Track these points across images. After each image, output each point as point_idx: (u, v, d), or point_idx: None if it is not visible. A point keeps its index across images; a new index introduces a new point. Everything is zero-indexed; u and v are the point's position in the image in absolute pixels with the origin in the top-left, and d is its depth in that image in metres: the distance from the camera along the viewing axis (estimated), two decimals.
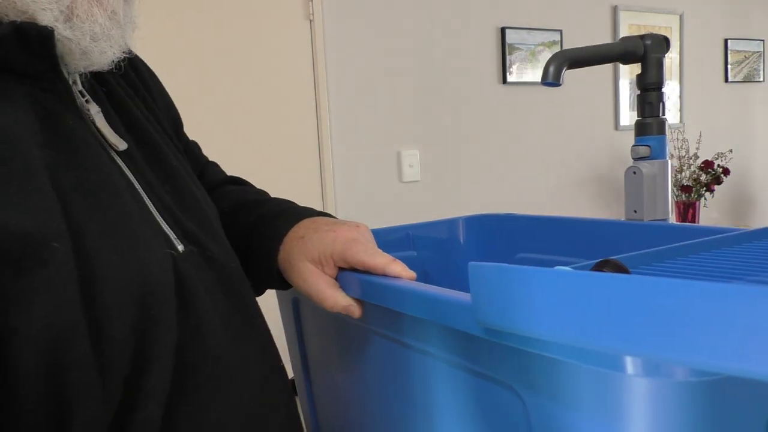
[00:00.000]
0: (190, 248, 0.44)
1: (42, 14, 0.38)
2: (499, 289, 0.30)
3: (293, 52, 2.12)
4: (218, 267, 0.46)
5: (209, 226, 0.49)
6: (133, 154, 0.45)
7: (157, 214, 0.43)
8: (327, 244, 0.49)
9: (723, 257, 0.44)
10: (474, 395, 0.38)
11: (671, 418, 0.28)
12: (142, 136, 0.48)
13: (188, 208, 0.48)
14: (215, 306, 0.44)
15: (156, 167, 0.47)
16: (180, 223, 0.45)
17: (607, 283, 0.24)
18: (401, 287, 0.41)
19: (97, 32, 0.41)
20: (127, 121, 0.48)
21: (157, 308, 0.38)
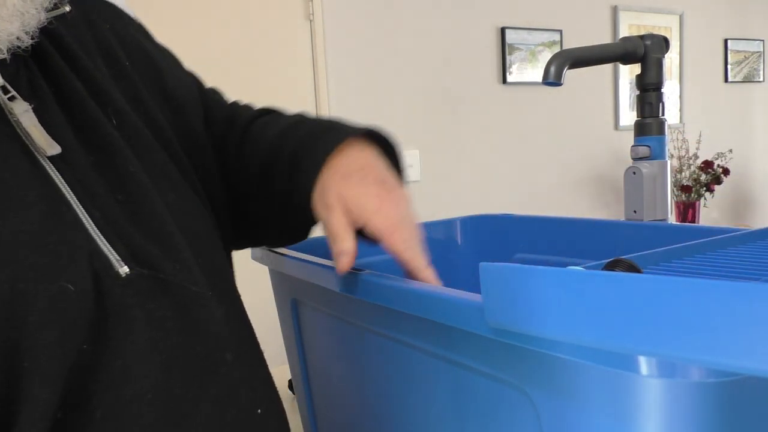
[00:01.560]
0: (137, 271, 0.38)
1: None
2: (512, 290, 0.29)
3: (293, 52, 2.12)
4: (174, 292, 0.40)
5: (169, 241, 0.42)
6: (73, 159, 0.39)
7: (93, 230, 0.37)
8: (367, 210, 0.46)
9: (731, 257, 0.43)
10: (481, 397, 0.38)
11: (687, 420, 0.27)
12: (95, 137, 0.42)
13: (143, 221, 0.41)
14: (160, 339, 0.37)
15: (109, 174, 0.41)
16: (128, 239, 0.39)
17: (623, 283, 0.24)
18: (407, 288, 0.40)
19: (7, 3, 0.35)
20: (78, 119, 0.41)
21: (31, 357, 0.32)
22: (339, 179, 0.47)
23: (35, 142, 0.37)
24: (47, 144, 0.37)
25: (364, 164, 0.49)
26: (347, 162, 0.49)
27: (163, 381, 0.37)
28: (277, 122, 0.56)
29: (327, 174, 0.48)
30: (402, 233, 0.46)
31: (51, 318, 0.33)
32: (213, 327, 0.41)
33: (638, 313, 0.24)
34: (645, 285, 0.23)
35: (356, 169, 0.48)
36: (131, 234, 0.39)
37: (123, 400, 0.35)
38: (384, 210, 0.46)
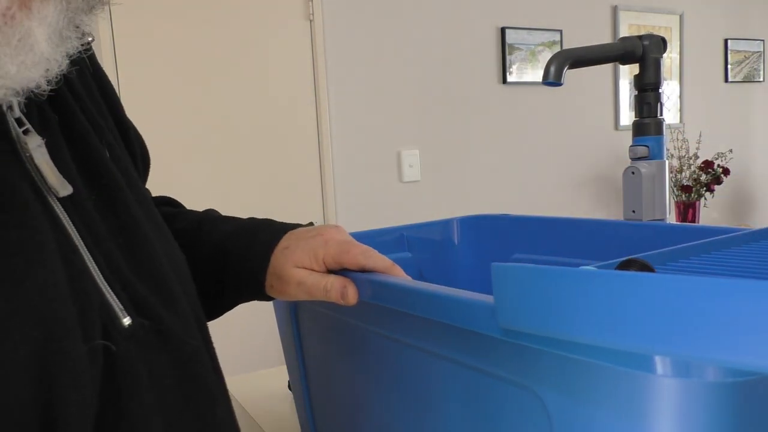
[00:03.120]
0: (139, 321, 0.36)
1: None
2: (524, 290, 0.29)
3: (293, 52, 2.12)
4: (174, 345, 0.38)
5: (168, 291, 0.40)
6: (80, 199, 0.36)
7: (99, 278, 0.35)
8: (317, 247, 0.49)
9: (738, 256, 0.43)
10: (490, 399, 0.38)
11: (703, 420, 0.27)
12: (98, 175, 0.39)
13: (143, 268, 0.39)
14: (162, 400, 0.36)
15: (110, 216, 0.39)
16: (130, 288, 0.37)
17: (639, 283, 0.24)
18: (416, 289, 0.40)
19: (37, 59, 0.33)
20: (82, 155, 0.39)
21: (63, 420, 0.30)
22: (281, 255, 0.51)
23: (47, 182, 0.34)
24: (59, 184, 0.35)
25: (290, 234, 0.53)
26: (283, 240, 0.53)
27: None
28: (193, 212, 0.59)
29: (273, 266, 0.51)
30: (356, 247, 0.48)
31: (80, 378, 0.31)
32: (207, 383, 0.41)
33: (655, 312, 0.23)
34: (662, 284, 0.23)
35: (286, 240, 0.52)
36: (132, 282, 0.37)
37: None
38: (330, 238, 0.50)
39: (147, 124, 1.90)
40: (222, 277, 0.53)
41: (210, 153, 2.01)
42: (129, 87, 1.87)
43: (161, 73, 1.93)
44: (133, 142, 0.50)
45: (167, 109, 1.94)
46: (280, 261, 0.51)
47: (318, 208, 2.18)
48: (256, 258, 0.52)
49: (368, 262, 0.47)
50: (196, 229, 0.56)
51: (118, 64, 1.84)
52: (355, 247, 0.48)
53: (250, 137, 2.07)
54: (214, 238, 0.54)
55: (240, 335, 1.99)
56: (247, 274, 0.52)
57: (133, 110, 2.03)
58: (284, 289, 0.50)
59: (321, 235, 0.50)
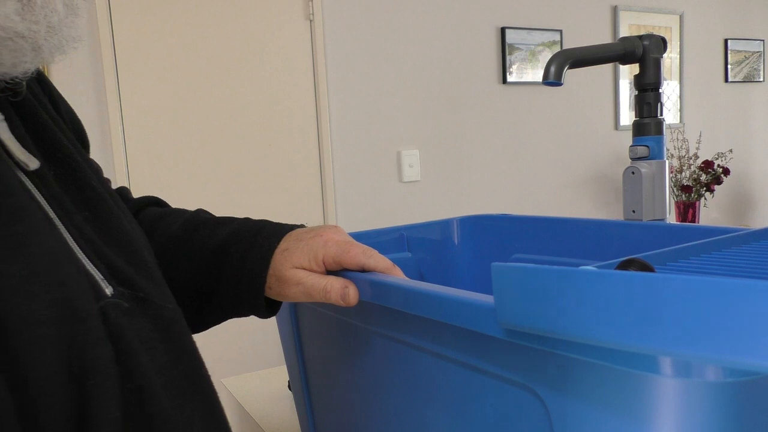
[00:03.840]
0: (119, 290, 0.36)
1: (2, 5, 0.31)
2: (525, 290, 0.29)
3: (293, 52, 2.12)
4: (154, 311, 0.39)
5: (140, 260, 0.40)
6: (44, 174, 0.36)
7: (77, 249, 0.35)
8: (317, 248, 0.48)
9: (738, 256, 0.43)
10: (489, 399, 0.38)
11: (703, 420, 0.27)
12: (54, 151, 0.39)
13: (114, 239, 0.39)
14: (153, 360, 0.36)
15: (73, 190, 0.38)
16: (105, 258, 0.37)
17: (640, 282, 0.24)
18: (416, 290, 0.40)
19: (53, 23, 0.33)
20: (36, 132, 0.38)
21: (95, 375, 0.31)
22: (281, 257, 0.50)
23: (14, 155, 0.34)
24: (27, 158, 0.35)
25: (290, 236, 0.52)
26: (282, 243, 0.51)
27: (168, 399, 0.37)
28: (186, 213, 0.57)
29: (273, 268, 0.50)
30: (356, 247, 0.48)
31: (100, 335, 0.32)
32: (189, 344, 0.42)
33: (655, 312, 0.23)
34: (662, 284, 0.23)
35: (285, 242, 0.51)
36: (106, 253, 0.37)
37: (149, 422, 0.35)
38: (330, 239, 0.49)
39: (146, 124, 1.90)
40: (218, 282, 0.52)
41: (209, 153, 2.01)
42: (129, 87, 1.87)
43: (161, 73, 1.93)
44: (73, 119, 0.49)
45: (167, 108, 1.94)
46: (280, 262, 0.50)
47: (318, 208, 2.18)
48: (257, 260, 0.51)
49: (369, 261, 0.47)
50: (191, 230, 0.54)
51: (118, 64, 1.84)
52: (354, 247, 0.48)
53: (249, 137, 2.07)
54: (211, 243, 0.53)
55: (240, 335, 1.99)
56: (247, 277, 0.51)
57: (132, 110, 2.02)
58: (283, 290, 0.50)
59: (320, 235, 0.50)
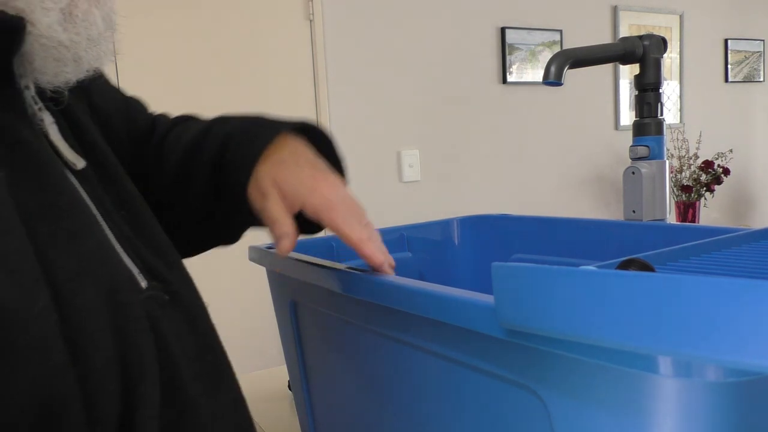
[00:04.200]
0: (153, 284, 0.38)
1: (42, 15, 0.33)
2: (525, 290, 0.29)
3: (293, 52, 2.12)
4: (184, 304, 0.41)
5: (170, 257, 0.43)
6: (89, 174, 0.39)
7: (117, 245, 0.37)
8: (303, 191, 0.45)
9: (738, 256, 0.43)
10: (490, 399, 0.38)
11: (704, 420, 0.27)
12: (96, 153, 0.41)
13: (146, 236, 0.42)
14: (184, 352, 0.38)
15: (111, 190, 0.41)
16: (140, 254, 0.39)
17: (640, 282, 0.24)
18: (415, 289, 0.40)
19: (93, 35, 0.36)
20: (77, 133, 0.41)
21: (139, 361, 0.33)
22: (272, 166, 0.47)
23: (63, 156, 0.37)
24: (74, 158, 0.37)
25: (295, 151, 0.48)
26: (280, 151, 0.48)
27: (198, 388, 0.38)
28: (195, 126, 0.55)
29: (260, 164, 0.47)
30: (340, 210, 0.45)
31: (144, 325, 0.34)
32: (215, 338, 0.44)
33: (655, 312, 0.23)
34: (662, 284, 0.23)
35: (288, 155, 0.48)
36: (141, 249, 0.40)
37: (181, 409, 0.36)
38: (319, 189, 0.45)
39: None
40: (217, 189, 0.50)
41: None
42: (129, 87, 1.87)
43: (161, 73, 1.93)
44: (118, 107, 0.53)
45: (167, 109, 1.94)
46: (271, 171, 0.47)
47: None
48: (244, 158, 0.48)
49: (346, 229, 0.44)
50: (204, 131, 0.53)
51: (118, 64, 1.84)
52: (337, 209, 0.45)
53: None
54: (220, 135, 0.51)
55: (240, 335, 1.99)
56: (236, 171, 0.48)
57: None
58: (253, 193, 0.47)
59: (314, 181, 0.46)
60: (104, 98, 0.51)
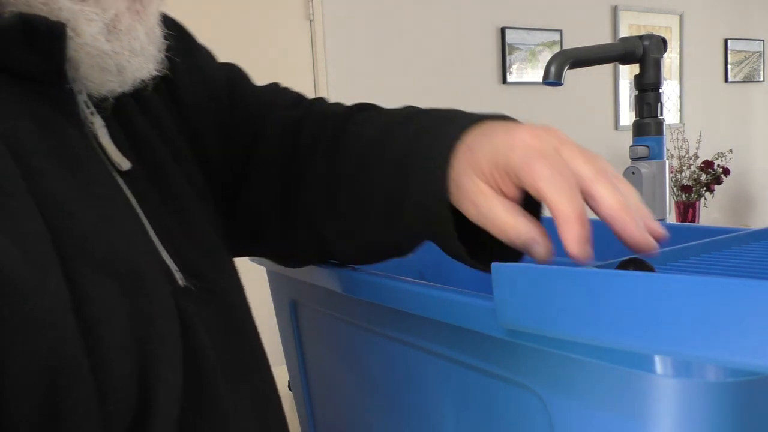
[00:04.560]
0: (191, 281, 0.39)
1: (86, 25, 0.34)
2: (525, 290, 0.29)
3: (293, 52, 2.12)
4: (219, 301, 0.41)
5: (215, 254, 0.43)
6: (135, 173, 0.40)
7: (158, 243, 0.39)
8: (500, 152, 0.35)
9: (738, 256, 0.43)
10: (490, 399, 0.38)
11: (704, 420, 0.27)
12: (145, 152, 0.42)
13: (192, 234, 0.42)
14: (214, 345, 0.39)
15: (160, 187, 0.42)
16: (181, 252, 0.40)
17: (640, 282, 0.24)
18: (415, 290, 0.40)
19: (136, 48, 0.37)
20: (132, 137, 0.42)
21: (161, 347, 0.34)
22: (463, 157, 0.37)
23: (111, 157, 0.38)
24: (121, 160, 0.38)
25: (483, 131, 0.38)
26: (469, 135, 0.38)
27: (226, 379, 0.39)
28: (379, 117, 0.48)
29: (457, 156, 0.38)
30: (549, 167, 0.33)
31: (170, 315, 0.35)
32: (251, 334, 0.44)
33: (655, 312, 0.23)
34: (662, 284, 0.23)
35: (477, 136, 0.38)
36: (183, 245, 0.41)
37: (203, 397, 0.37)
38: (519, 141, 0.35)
39: None
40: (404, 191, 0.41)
41: None
42: None
43: None
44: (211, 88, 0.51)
45: None
46: (461, 164, 0.37)
47: None
48: (433, 161, 0.39)
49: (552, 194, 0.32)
50: (382, 137, 0.45)
51: None
52: (541, 163, 0.33)
53: None
54: (395, 149, 0.43)
55: None
56: (421, 181, 0.39)
57: None
58: (460, 204, 0.37)
59: (509, 134, 0.35)
60: (194, 90, 0.50)
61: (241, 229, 0.52)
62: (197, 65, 0.52)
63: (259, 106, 0.52)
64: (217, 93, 0.52)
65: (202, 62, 0.53)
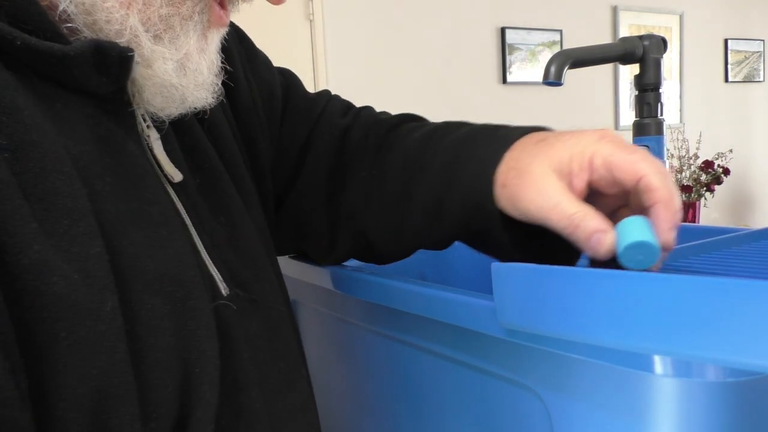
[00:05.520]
0: (235, 291, 0.41)
1: (161, 63, 0.37)
2: (525, 290, 0.29)
3: (293, 52, 2.12)
4: (263, 312, 0.43)
5: (259, 265, 0.44)
6: (187, 184, 0.41)
7: (205, 254, 0.40)
8: (587, 143, 0.35)
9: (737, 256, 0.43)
10: (489, 398, 0.38)
11: (703, 420, 0.27)
12: (199, 161, 0.44)
13: (239, 244, 0.43)
14: (255, 357, 0.40)
15: (212, 196, 0.43)
16: (228, 263, 0.42)
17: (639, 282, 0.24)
18: (416, 289, 0.40)
19: (200, 82, 0.40)
20: (189, 146, 0.44)
21: (201, 365, 0.35)
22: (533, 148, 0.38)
23: (164, 169, 0.39)
24: (173, 172, 0.40)
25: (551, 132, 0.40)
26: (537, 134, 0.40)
27: (261, 393, 0.40)
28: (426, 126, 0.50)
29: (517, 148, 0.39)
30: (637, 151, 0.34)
31: (211, 332, 0.36)
32: (292, 344, 0.45)
33: (655, 312, 0.23)
34: (662, 284, 0.23)
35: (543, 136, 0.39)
36: (229, 257, 0.42)
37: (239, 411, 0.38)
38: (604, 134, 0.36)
39: None
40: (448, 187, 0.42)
41: None
42: None
43: None
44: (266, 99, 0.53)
45: None
46: (531, 153, 0.38)
47: None
48: (491, 146, 0.40)
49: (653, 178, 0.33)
50: (429, 135, 0.47)
51: None
52: (638, 152, 0.34)
53: None
54: (446, 141, 0.45)
55: None
56: (476, 165, 0.40)
57: None
58: (519, 192, 0.37)
59: (594, 131, 0.37)
60: (252, 96, 0.53)
61: (288, 227, 0.54)
62: (256, 71, 0.55)
63: (312, 112, 0.56)
64: (274, 99, 0.55)
65: (261, 68, 0.56)
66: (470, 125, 0.47)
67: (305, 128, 0.55)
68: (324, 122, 0.55)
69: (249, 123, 0.51)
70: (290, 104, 0.56)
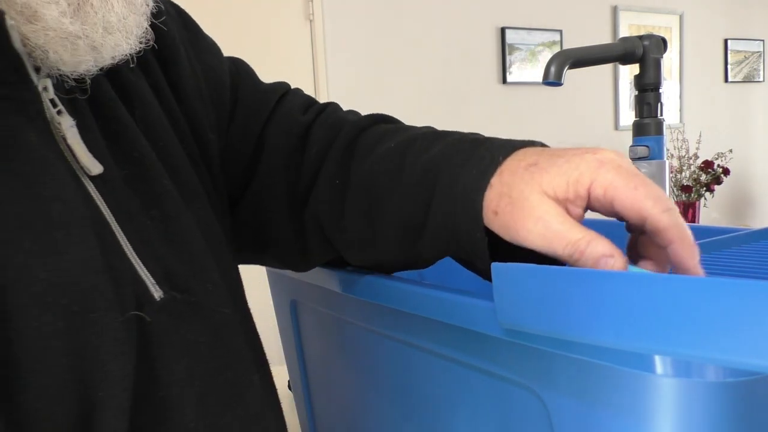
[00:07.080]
0: (171, 294, 0.36)
1: (44, 8, 0.31)
2: (525, 290, 0.29)
3: (293, 52, 2.12)
4: (204, 315, 0.38)
5: (199, 262, 0.40)
6: (111, 176, 0.36)
7: (131, 253, 0.35)
8: (584, 168, 0.33)
9: (737, 256, 0.43)
10: (489, 399, 0.37)
11: (704, 421, 0.27)
12: (127, 149, 0.39)
13: (176, 239, 0.39)
14: (193, 369, 0.36)
15: (142, 188, 0.38)
16: (162, 261, 0.37)
17: (640, 282, 0.24)
18: (416, 289, 0.40)
19: (112, 22, 0.34)
20: (111, 131, 0.38)
21: (105, 388, 0.31)
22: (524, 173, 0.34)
23: (79, 161, 0.35)
24: (91, 163, 0.35)
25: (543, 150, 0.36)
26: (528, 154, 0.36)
27: (200, 410, 0.36)
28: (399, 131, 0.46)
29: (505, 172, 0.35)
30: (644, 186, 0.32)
31: (118, 347, 0.32)
32: (241, 350, 0.41)
33: (655, 312, 0.23)
34: (662, 284, 0.23)
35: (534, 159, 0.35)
36: (165, 255, 0.37)
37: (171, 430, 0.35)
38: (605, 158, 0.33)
39: None
40: (427, 208, 0.39)
41: None
42: None
43: None
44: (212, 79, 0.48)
45: None
46: (523, 178, 0.34)
47: None
48: (476, 168, 0.36)
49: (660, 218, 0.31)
50: (403, 149, 0.43)
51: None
52: (642, 185, 0.32)
53: None
54: (423, 158, 0.40)
55: None
56: (462, 189, 0.36)
57: None
58: (515, 221, 0.34)
59: (592, 152, 0.33)
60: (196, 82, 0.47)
61: (246, 232, 0.50)
62: (201, 57, 0.49)
63: (266, 105, 0.50)
64: (221, 88, 0.49)
65: (207, 54, 0.50)
66: (446, 137, 0.43)
67: (258, 123, 0.49)
68: (280, 118, 0.49)
69: (194, 111, 0.46)
70: (241, 95, 0.50)
